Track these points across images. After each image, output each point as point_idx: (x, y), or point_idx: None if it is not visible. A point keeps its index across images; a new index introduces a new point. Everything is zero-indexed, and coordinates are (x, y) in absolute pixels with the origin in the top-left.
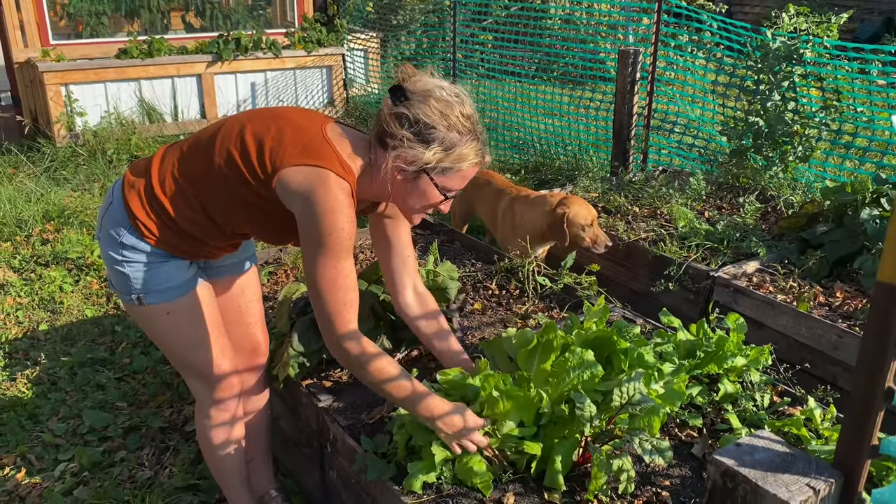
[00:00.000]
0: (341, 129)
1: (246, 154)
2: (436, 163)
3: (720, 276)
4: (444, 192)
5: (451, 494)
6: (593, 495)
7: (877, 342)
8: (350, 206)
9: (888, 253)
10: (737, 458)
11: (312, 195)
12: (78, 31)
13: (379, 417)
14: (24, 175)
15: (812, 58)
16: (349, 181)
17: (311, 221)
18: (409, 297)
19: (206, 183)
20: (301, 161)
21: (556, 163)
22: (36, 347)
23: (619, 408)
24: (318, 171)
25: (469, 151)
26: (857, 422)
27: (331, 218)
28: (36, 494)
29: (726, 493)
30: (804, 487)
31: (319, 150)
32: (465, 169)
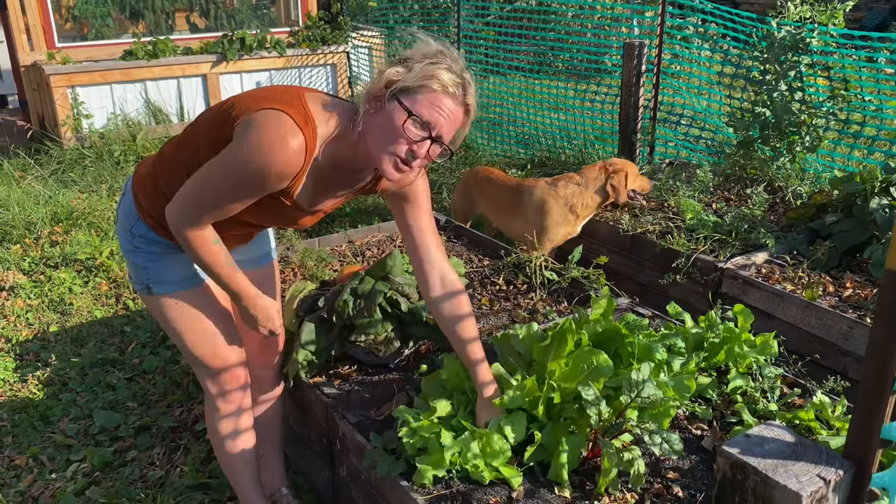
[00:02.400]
0: (326, 96)
1: (220, 119)
2: (401, 80)
3: (728, 268)
4: (410, 113)
5: (460, 490)
6: (604, 489)
7: (886, 331)
8: (288, 159)
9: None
10: (746, 449)
11: (263, 127)
12: (83, 33)
13: (388, 414)
14: (32, 178)
15: (819, 47)
16: (306, 135)
17: (247, 143)
18: (435, 291)
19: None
20: (264, 106)
21: (562, 157)
22: (46, 349)
23: (628, 402)
24: (275, 112)
25: (440, 71)
26: (868, 412)
27: (262, 154)
28: (48, 495)
29: (736, 484)
30: (814, 478)
31: (286, 99)
32: (434, 89)
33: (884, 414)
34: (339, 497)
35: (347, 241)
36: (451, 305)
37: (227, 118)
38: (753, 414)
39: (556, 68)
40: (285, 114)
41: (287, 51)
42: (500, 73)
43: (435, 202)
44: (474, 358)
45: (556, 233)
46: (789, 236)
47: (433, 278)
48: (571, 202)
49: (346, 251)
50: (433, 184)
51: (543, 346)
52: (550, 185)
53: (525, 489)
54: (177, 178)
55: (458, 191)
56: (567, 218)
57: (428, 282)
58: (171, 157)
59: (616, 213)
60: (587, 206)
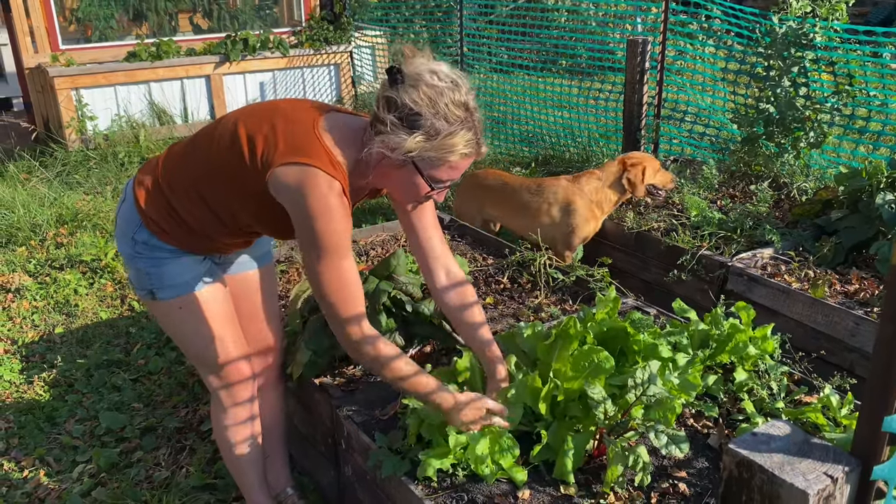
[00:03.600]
0: (335, 119)
1: (240, 153)
2: (420, 151)
3: (734, 265)
4: (430, 182)
5: (466, 488)
6: (609, 487)
7: (893, 327)
8: (342, 206)
9: None
10: (753, 447)
11: (303, 197)
12: (87, 35)
13: (392, 413)
14: (37, 180)
15: (822, 42)
16: (339, 178)
17: (305, 225)
18: (440, 283)
19: (206, 180)
20: (291, 160)
21: (567, 155)
22: (52, 350)
23: (633, 400)
24: (306, 170)
25: (458, 141)
26: (875, 409)
27: (323, 221)
28: (55, 496)
29: (742, 482)
30: (822, 476)
31: (309, 148)
32: (453, 160)
33: (891, 411)
34: (344, 497)
35: (352, 241)
36: (458, 294)
37: (252, 165)
38: (759, 411)
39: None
40: (314, 168)
41: (290, 51)
42: (503, 71)
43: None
44: (483, 340)
45: (584, 230)
46: (795, 233)
47: (438, 273)
48: (596, 198)
49: None
50: None
51: (547, 345)
52: (573, 182)
53: (531, 488)
54: (183, 189)
55: (461, 196)
56: (594, 213)
57: (434, 276)
58: (177, 168)
59: (621, 211)
60: (609, 201)
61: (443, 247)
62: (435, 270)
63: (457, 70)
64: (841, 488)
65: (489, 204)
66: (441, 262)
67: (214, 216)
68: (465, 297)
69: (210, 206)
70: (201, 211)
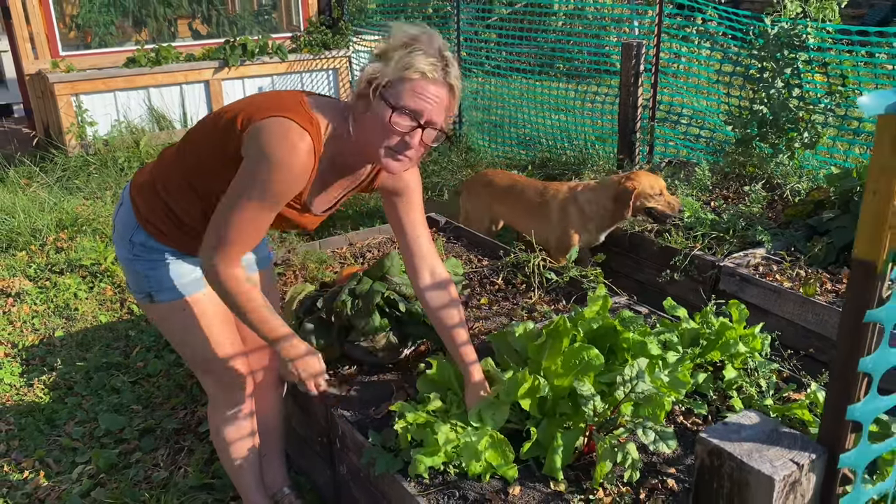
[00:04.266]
0: (322, 97)
1: (225, 125)
2: (382, 75)
3: (726, 265)
4: (395, 108)
5: (458, 485)
6: (598, 483)
7: (855, 318)
8: (305, 162)
9: (862, 230)
10: (723, 436)
11: (267, 143)
12: (87, 41)
13: (386, 412)
14: (37, 185)
15: (816, 43)
16: (312, 134)
17: (259, 162)
18: (424, 283)
19: (196, 169)
20: (267, 115)
21: (563, 157)
22: (52, 353)
23: (622, 396)
24: (280, 119)
25: (418, 60)
26: (839, 397)
27: (279, 167)
28: (55, 496)
29: (713, 470)
30: (788, 462)
31: (287, 105)
32: (415, 79)
33: (853, 400)
34: (340, 495)
35: (348, 244)
36: (440, 295)
37: (232, 128)
38: (748, 408)
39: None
40: (289, 119)
41: (289, 56)
42: (501, 75)
43: (437, 204)
44: (459, 341)
45: (574, 238)
46: (787, 233)
47: (423, 272)
48: (588, 210)
49: (346, 253)
50: (435, 186)
51: (538, 345)
52: (572, 189)
53: (521, 484)
54: (176, 185)
55: (469, 194)
56: (584, 225)
57: (418, 274)
58: (171, 165)
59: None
60: (602, 217)
61: (430, 246)
62: (420, 269)
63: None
64: (807, 475)
65: (497, 202)
66: (427, 262)
67: (208, 209)
68: (445, 299)
69: (205, 200)
70: (195, 207)
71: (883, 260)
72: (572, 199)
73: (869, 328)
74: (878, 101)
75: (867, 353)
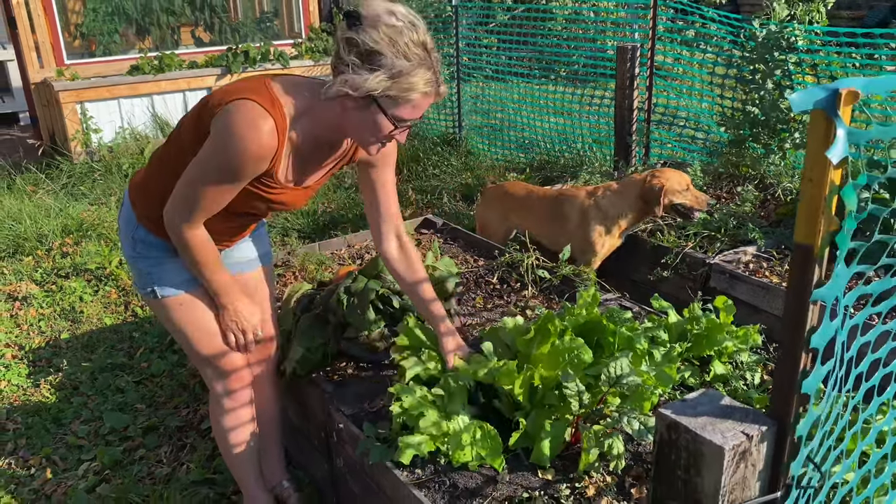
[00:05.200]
0: (290, 77)
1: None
2: (382, 91)
3: (716, 263)
4: (393, 121)
5: (448, 474)
6: (584, 472)
7: (798, 298)
8: (261, 143)
9: (801, 216)
10: (680, 411)
11: (231, 118)
12: (91, 50)
13: (381, 406)
14: (43, 192)
15: (805, 45)
16: (275, 116)
17: (220, 137)
18: (390, 247)
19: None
20: (232, 98)
21: (561, 160)
22: (58, 355)
23: (607, 388)
24: (243, 102)
25: (418, 80)
26: (786, 372)
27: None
28: (61, 492)
29: (671, 443)
30: (738, 434)
31: (251, 87)
32: (414, 98)
33: (798, 373)
34: (337, 488)
35: (346, 246)
36: (410, 271)
37: (203, 114)
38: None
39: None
40: (251, 101)
41: (290, 63)
42: (500, 79)
43: (436, 207)
44: (427, 298)
45: (598, 244)
46: (778, 231)
47: (390, 237)
48: (612, 212)
49: (344, 255)
50: (434, 189)
51: (527, 339)
52: (590, 194)
53: (510, 473)
54: (166, 178)
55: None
56: (608, 229)
57: (384, 240)
58: (160, 160)
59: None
60: (626, 217)
61: (397, 210)
62: (386, 234)
63: (413, 11)
64: (757, 445)
65: (514, 213)
66: (393, 225)
67: None
68: (412, 258)
69: None
70: None
71: (819, 244)
72: (593, 203)
73: (810, 306)
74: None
75: (812, 329)
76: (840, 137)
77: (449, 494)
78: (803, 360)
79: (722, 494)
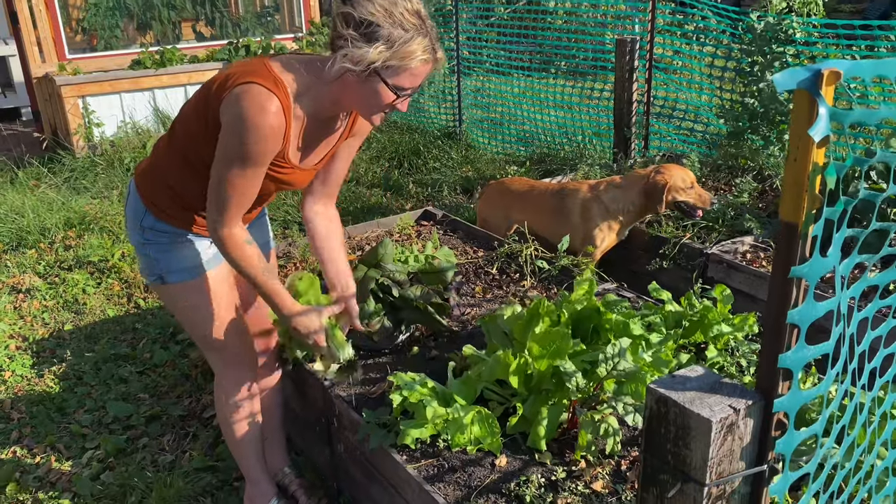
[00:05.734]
0: (287, 56)
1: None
2: (382, 61)
3: (714, 253)
4: (395, 90)
5: (446, 457)
6: (580, 455)
7: (782, 274)
8: (277, 123)
9: (786, 193)
10: (670, 386)
11: (241, 109)
12: (93, 44)
13: (381, 393)
14: (45, 186)
15: (802, 37)
16: (279, 96)
17: (231, 127)
18: (317, 206)
19: (190, 143)
20: (237, 82)
21: (561, 153)
22: (62, 346)
23: (604, 374)
24: (247, 86)
25: (416, 48)
26: (771, 347)
27: (253, 132)
28: (66, 480)
29: (660, 417)
30: (725, 407)
31: (253, 70)
32: (413, 66)
33: (783, 349)
34: (338, 474)
35: (347, 237)
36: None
37: (210, 99)
38: None
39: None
40: (255, 83)
41: None
42: (501, 72)
43: (436, 200)
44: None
45: (599, 238)
46: (775, 222)
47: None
48: (613, 207)
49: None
50: (434, 182)
51: (522, 325)
52: (592, 188)
53: (507, 456)
54: (173, 162)
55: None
56: (609, 224)
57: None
58: (165, 147)
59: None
60: (629, 212)
61: (339, 183)
62: (319, 196)
63: None
64: (744, 419)
65: (516, 209)
66: (331, 193)
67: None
68: (333, 232)
69: (197, 168)
70: (193, 180)
71: (803, 221)
72: (595, 197)
73: (794, 283)
74: (789, 77)
75: (794, 306)
76: (822, 116)
77: (448, 478)
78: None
79: (710, 466)
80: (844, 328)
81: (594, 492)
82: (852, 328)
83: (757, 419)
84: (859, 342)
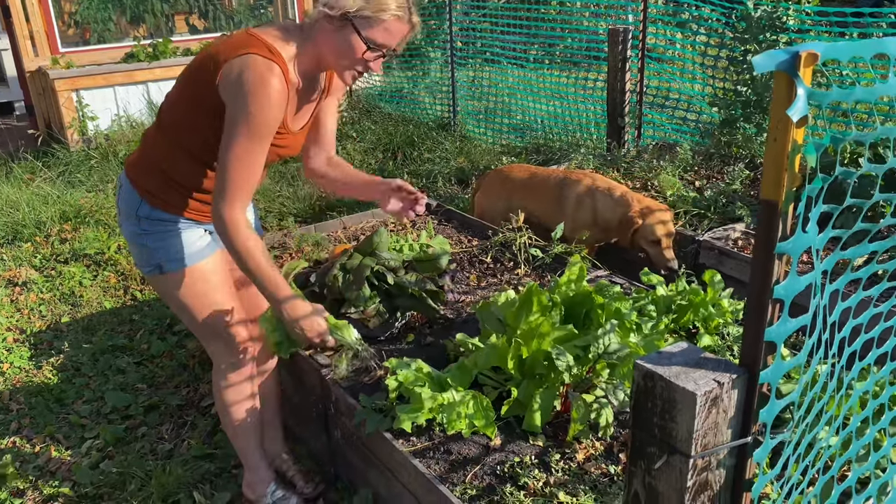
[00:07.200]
0: (274, 24)
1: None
2: (357, 9)
3: (705, 240)
4: (367, 42)
5: (442, 441)
6: (573, 437)
7: (764, 251)
8: (280, 91)
9: (766, 172)
10: (656, 362)
11: (243, 81)
12: (86, 38)
13: (377, 379)
14: (40, 180)
15: (796, 25)
16: (278, 62)
17: (239, 104)
18: (319, 163)
19: (183, 129)
20: (231, 55)
21: (556, 143)
22: (59, 338)
23: (596, 357)
24: (246, 57)
25: (390, 1)
26: (754, 323)
27: (258, 102)
28: (65, 469)
29: (647, 391)
30: (710, 381)
31: (246, 43)
32: (387, 20)
33: (765, 324)
34: (335, 459)
35: (342, 227)
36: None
37: (207, 68)
38: None
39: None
40: (253, 55)
41: None
42: (495, 61)
43: (430, 191)
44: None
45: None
46: None
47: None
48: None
49: (340, 236)
50: (429, 173)
51: (514, 311)
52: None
53: (502, 440)
54: (166, 150)
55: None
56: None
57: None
58: (155, 137)
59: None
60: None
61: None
62: (316, 155)
63: None
64: (728, 392)
65: (517, 195)
66: (326, 149)
67: (202, 164)
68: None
69: (195, 153)
70: (187, 164)
71: (783, 199)
72: (589, 194)
73: (776, 259)
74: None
75: (777, 281)
76: (800, 96)
77: (444, 461)
78: (770, 310)
79: (695, 438)
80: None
81: (586, 472)
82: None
83: (741, 392)
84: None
